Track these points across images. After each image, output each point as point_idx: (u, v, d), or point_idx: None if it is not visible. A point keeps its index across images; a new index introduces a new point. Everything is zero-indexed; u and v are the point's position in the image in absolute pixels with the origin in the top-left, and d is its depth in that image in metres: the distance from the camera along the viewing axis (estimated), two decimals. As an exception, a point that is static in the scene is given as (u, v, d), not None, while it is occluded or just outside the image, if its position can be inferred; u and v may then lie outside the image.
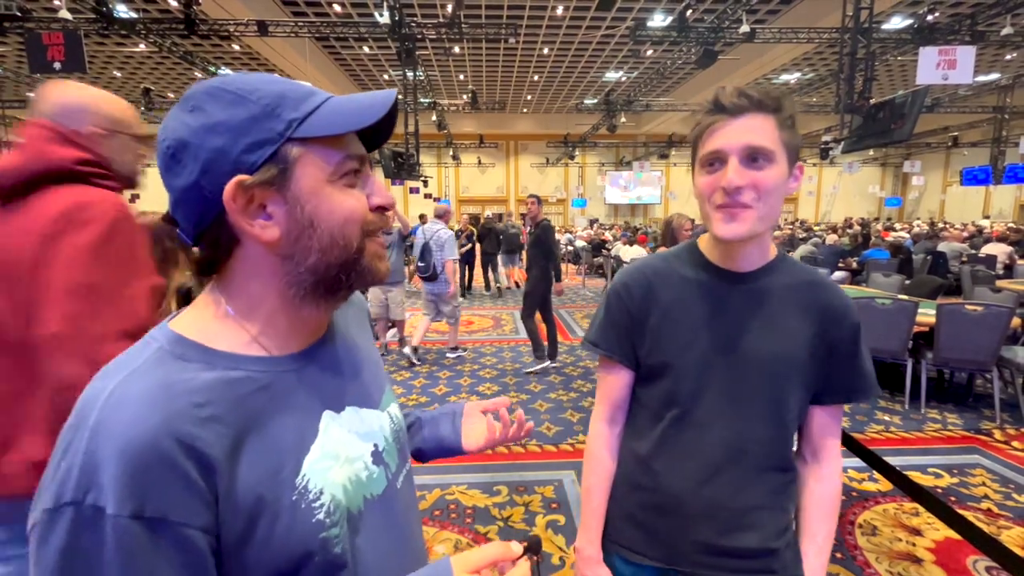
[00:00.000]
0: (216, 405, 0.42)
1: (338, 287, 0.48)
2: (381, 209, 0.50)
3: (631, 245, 8.63)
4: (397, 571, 0.52)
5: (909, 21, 9.90)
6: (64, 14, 7.06)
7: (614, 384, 0.92)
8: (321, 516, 0.45)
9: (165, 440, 0.38)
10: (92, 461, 0.36)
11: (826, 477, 0.87)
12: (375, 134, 0.52)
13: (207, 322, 0.47)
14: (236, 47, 12.82)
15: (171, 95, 17.59)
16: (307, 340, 0.52)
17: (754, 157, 0.71)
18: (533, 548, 0.51)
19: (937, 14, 9.17)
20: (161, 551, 0.37)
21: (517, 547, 0.49)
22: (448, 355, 5.09)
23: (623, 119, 15.41)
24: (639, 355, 0.87)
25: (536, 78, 16.90)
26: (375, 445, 0.54)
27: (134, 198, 14.67)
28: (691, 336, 0.82)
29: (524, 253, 6.47)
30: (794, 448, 0.90)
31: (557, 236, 15.70)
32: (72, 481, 0.36)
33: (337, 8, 11.03)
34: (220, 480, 0.40)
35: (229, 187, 0.42)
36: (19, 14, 7.49)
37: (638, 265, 0.91)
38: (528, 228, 5.16)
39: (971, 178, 15.10)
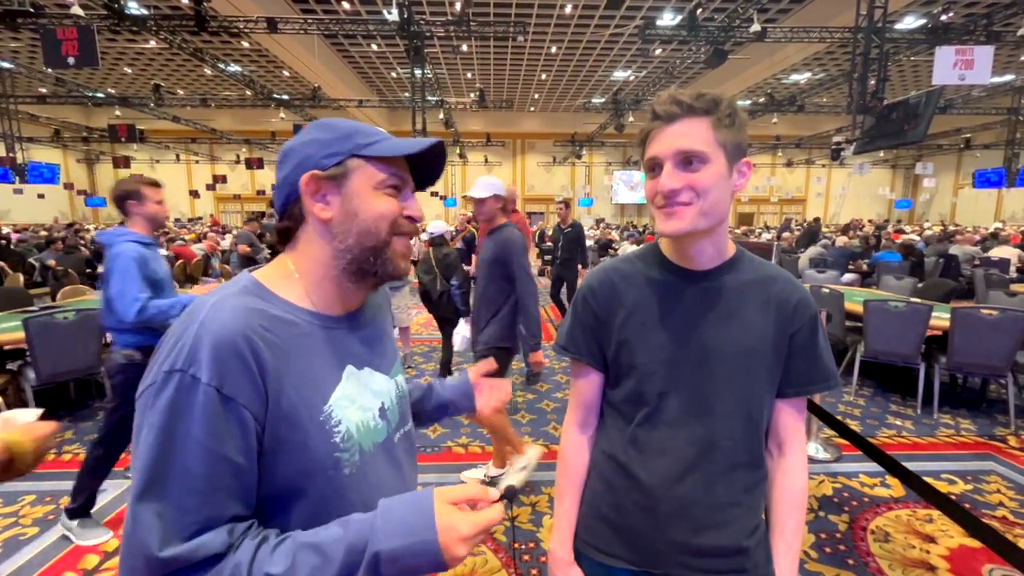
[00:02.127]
0: (275, 334, 0.58)
1: (368, 269, 0.65)
2: (411, 219, 0.68)
3: (638, 245, 8.60)
4: None
5: (923, 21, 9.78)
6: (76, 10, 7.11)
7: (585, 387, 0.93)
8: (338, 440, 0.61)
9: (242, 341, 0.54)
10: (197, 345, 0.53)
11: (792, 470, 0.87)
12: (427, 174, 0.71)
13: (278, 276, 0.65)
14: (246, 44, 12.88)
15: (180, 91, 17.72)
16: (345, 308, 0.69)
17: (688, 160, 0.75)
18: (509, 495, 0.59)
19: (951, 14, 9.05)
20: (229, 421, 0.53)
21: (495, 492, 0.58)
22: None
23: (631, 118, 15.34)
24: (607, 357, 0.89)
25: (544, 77, 16.86)
26: (382, 403, 0.70)
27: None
28: (655, 336, 0.84)
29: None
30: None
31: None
32: (183, 356, 0.53)
33: (346, 5, 11.04)
34: (271, 387, 0.55)
35: (305, 176, 0.63)
36: (32, 10, 7.55)
37: (604, 267, 0.93)
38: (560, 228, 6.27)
39: (984, 180, 14.93)
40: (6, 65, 12.59)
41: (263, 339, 0.56)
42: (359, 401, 0.66)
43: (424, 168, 0.70)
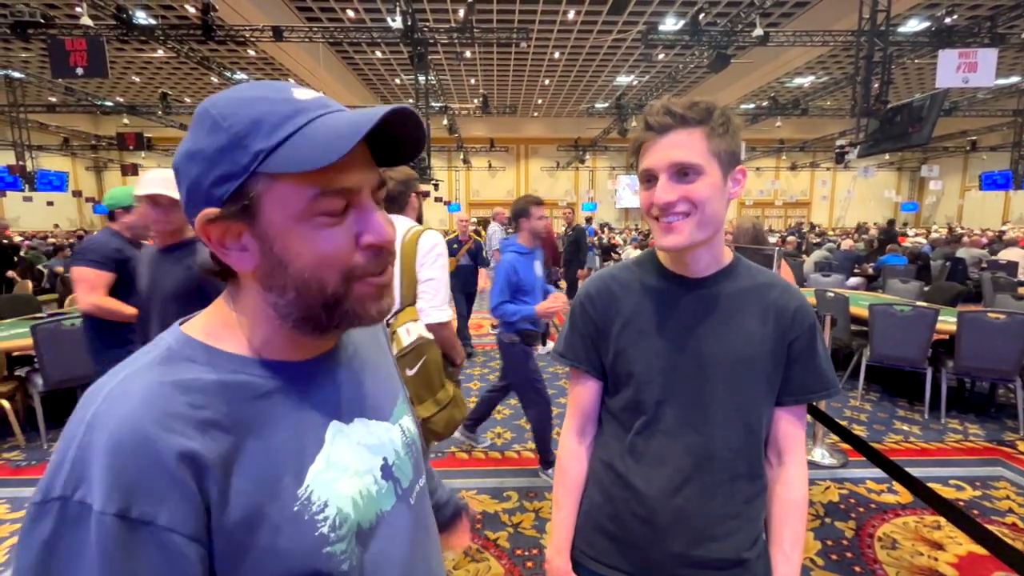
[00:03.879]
0: (214, 408, 0.41)
1: (325, 325, 0.45)
2: (374, 248, 0.44)
3: (642, 249, 8.60)
4: None
5: (927, 24, 9.75)
6: (85, 20, 7.21)
7: (583, 395, 0.93)
8: (325, 530, 0.43)
9: (157, 438, 0.37)
10: (84, 456, 0.36)
11: (791, 481, 0.86)
12: (397, 146, 0.47)
13: (217, 325, 0.46)
14: (252, 52, 13.01)
15: (188, 99, 17.90)
16: (314, 351, 0.50)
17: (683, 172, 0.74)
18: None
19: (955, 16, 9.03)
20: (144, 556, 0.35)
21: None
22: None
23: (634, 123, 15.36)
24: (605, 364, 0.88)
25: (547, 82, 16.92)
26: (384, 459, 0.52)
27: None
28: (652, 343, 0.83)
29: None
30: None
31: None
32: (63, 475, 0.36)
33: (351, 14, 11.15)
34: (212, 486, 0.39)
35: (198, 221, 0.42)
36: (42, 21, 7.67)
37: (602, 274, 0.92)
38: (566, 231, 6.62)
39: (991, 183, 14.83)
40: (16, 75, 12.78)
41: (193, 422, 0.39)
42: (352, 466, 0.48)
43: (395, 139, 0.46)
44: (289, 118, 0.41)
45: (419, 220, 1.98)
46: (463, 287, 5.34)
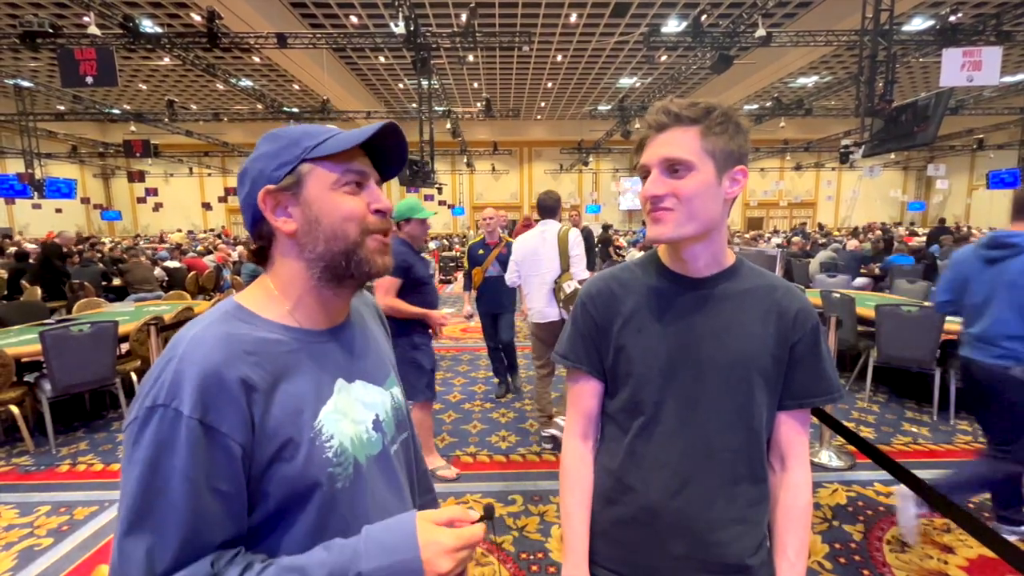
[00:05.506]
0: (260, 356, 0.59)
1: (343, 273, 0.64)
2: (380, 213, 0.66)
3: (645, 250, 8.58)
4: (384, 517, 0.65)
5: (931, 22, 9.69)
6: (93, 29, 7.30)
7: (584, 396, 0.92)
8: (330, 455, 0.60)
9: (225, 370, 0.55)
10: (178, 379, 0.54)
11: (794, 486, 0.84)
12: (387, 160, 0.69)
13: (259, 297, 0.66)
14: (256, 59, 13.12)
15: (194, 106, 18.08)
16: (330, 321, 0.68)
17: (673, 168, 0.76)
18: (488, 514, 0.62)
19: (960, 14, 8.98)
20: (212, 450, 0.53)
21: (474, 513, 0.61)
22: None
23: (637, 125, 15.35)
24: (605, 365, 0.88)
25: (550, 85, 16.95)
26: (376, 415, 0.69)
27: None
28: (651, 343, 0.83)
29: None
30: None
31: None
32: (165, 390, 0.54)
33: (354, 20, 11.23)
34: (257, 409, 0.56)
35: (260, 193, 0.63)
36: (51, 30, 7.77)
37: (603, 275, 0.92)
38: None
39: (998, 181, 14.65)
40: (26, 84, 12.95)
41: (246, 363, 0.57)
42: (351, 415, 0.65)
43: (386, 156, 0.69)
44: (325, 131, 0.65)
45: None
46: (488, 306, 3.99)
